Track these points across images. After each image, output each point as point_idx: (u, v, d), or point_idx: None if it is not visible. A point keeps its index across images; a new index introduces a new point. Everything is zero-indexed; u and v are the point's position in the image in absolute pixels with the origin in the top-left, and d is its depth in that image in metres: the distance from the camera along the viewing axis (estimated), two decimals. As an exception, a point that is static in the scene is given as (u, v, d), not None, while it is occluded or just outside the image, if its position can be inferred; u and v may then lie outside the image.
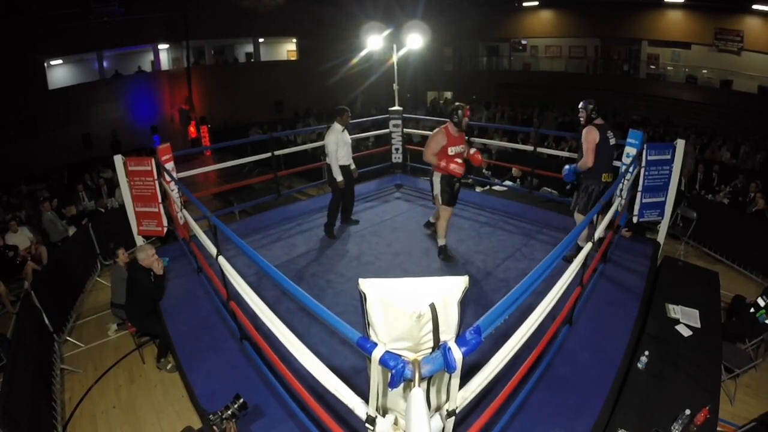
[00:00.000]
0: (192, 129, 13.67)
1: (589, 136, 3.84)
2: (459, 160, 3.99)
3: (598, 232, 3.24)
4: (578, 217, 4.16)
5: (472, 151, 4.23)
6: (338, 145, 4.65)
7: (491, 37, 17.77)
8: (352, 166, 5.04)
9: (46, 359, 3.88)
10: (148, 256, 3.73)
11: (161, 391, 3.71)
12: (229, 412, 2.31)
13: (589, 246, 2.92)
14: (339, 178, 4.71)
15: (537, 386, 2.64)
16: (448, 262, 4.33)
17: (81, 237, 6.05)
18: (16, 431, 2.69)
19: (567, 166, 4.14)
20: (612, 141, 3.95)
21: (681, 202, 6.17)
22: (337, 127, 4.70)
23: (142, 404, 3.58)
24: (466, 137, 4.25)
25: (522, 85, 16.53)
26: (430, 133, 4.25)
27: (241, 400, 2.36)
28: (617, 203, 4.14)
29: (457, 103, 4.07)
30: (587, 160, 3.87)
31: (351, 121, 8.23)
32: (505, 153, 9.09)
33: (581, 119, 3.96)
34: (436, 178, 4.17)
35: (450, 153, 4.01)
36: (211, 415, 2.29)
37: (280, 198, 5.87)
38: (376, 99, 15.67)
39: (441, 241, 4.42)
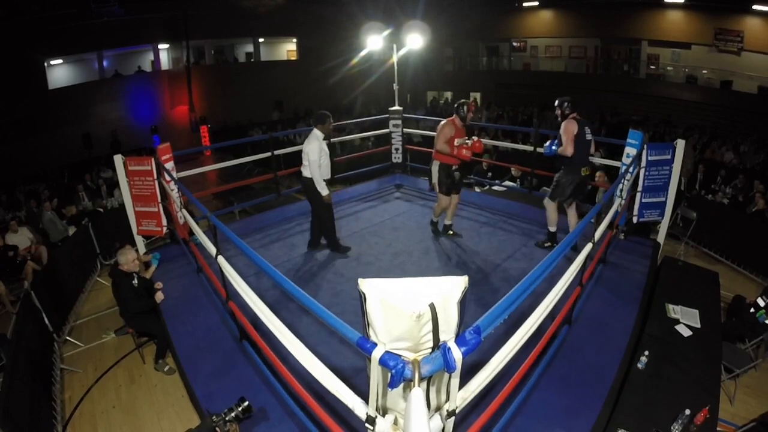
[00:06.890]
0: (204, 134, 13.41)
1: (569, 127, 4.05)
2: (466, 150, 4.28)
3: (598, 233, 3.24)
4: (547, 203, 4.38)
5: (475, 138, 4.45)
6: (321, 155, 4.06)
7: (491, 37, 17.77)
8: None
9: (46, 359, 3.88)
10: (128, 261, 3.64)
11: (161, 391, 3.70)
12: (233, 414, 2.28)
13: (589, 246, 2.92)
14: (325, 192, 4.14)
15: (537, 386, 2.64)
16: (436, 236, 4.80)
17: (81, 237, 6.05)
18: (16, 431, 2.69)
19: (548, 143, 4.30)
20: (588, 137, 4.12)
21: (681, 203, 6.17)
22: (318, 134, 4.10)
23: (142, 404, 3.58)
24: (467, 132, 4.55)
25: (522, 85, 16.52)
26: (430, 133, 4.34)
27: (246, 403, 2.33)
28: (617, 203, 4.15)
29: (462, 100, 4.47)
30: (567, 148, 4.04)
31: (351, 121, 8.16)
32: (505, 153, 9.09)
33: (557, 115, 4.23)
34: (435, 167, 4.45)
35: (456, 144, 4.27)
36: (214, 416, 2.26)
37: (280, 198, 5.87)
38: (376, 99, 15.67)
39: (434, 218, 4.81)
